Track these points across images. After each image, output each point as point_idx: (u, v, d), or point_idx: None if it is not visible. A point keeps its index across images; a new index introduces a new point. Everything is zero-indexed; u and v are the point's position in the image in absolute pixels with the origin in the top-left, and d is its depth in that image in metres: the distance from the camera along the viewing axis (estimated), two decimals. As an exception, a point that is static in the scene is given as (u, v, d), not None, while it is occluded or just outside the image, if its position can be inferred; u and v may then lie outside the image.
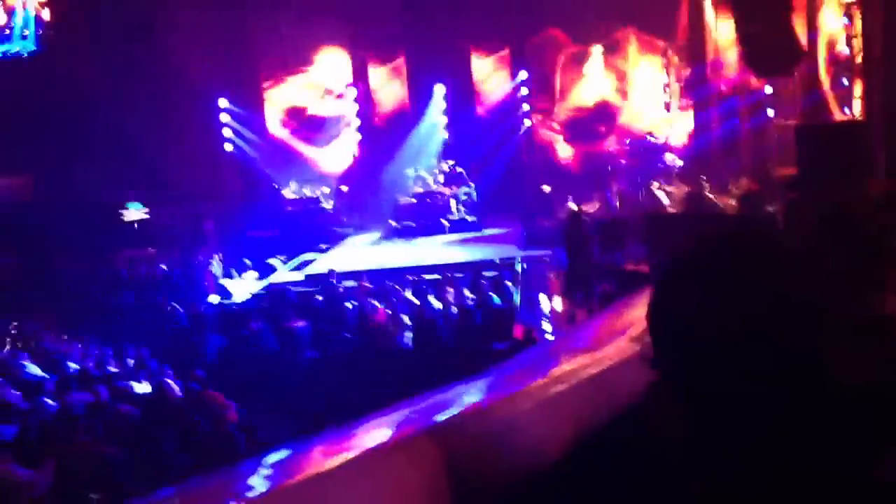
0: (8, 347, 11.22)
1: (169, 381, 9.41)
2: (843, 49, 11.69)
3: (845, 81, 11.81)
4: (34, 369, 9.73)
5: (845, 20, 11.53)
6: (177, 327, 12.27)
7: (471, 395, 1.23)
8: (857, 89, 11.14)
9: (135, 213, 17.48)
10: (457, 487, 0.93)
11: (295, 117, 20.54)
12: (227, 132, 19.73)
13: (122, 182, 17.29)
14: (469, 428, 1.00)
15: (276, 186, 19.59)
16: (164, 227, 17.88)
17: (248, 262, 16.05)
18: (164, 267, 15.89)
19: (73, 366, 9.91)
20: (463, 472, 0.95)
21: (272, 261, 16.21)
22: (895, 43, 9.75)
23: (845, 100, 11.88)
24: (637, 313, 1.54)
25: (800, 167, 10.40)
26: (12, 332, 11.95)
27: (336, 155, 20.57)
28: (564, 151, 19.58)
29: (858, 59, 11.01)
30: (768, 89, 14.42)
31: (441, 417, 1.03)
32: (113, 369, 9.95)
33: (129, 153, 16.75)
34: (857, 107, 11.14)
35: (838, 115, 12.23)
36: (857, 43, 10.91)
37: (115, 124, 16.65)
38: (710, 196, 14.46)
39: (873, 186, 8.71)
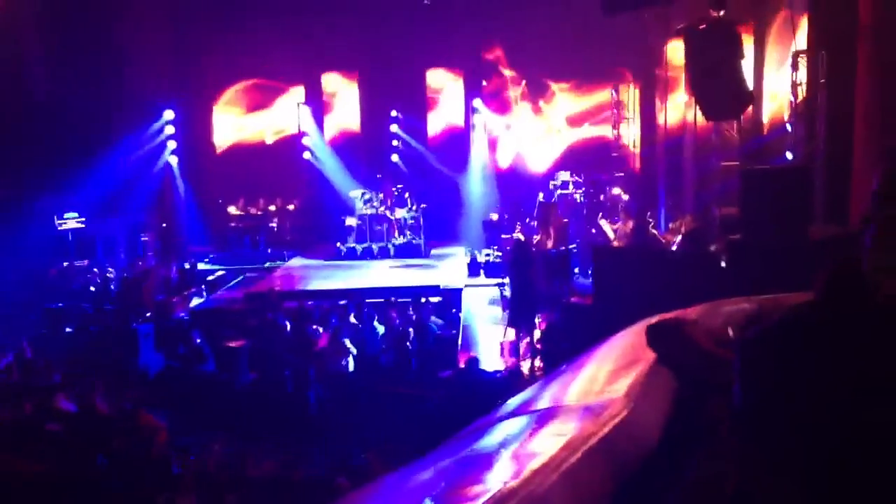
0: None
1: (98, 398, 9.09)
2: (787, 95, 12.03)
3: (789, 127, 12.15)
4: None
5: (790, 68, 11.88)
6: (109, 342, 11.87)
7: (490, 467, 1.17)
8: (800, 135, 11.47)
9: (71, 222, 16.95)
10: None
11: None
12: (171, 144, 19.32)
13: (59, 189, 16.77)
14: None
15: (221, 202, 19.28)
16: (101, 238, 17.37)
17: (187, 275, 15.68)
18: (99, 280, 15.42)
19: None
20: None
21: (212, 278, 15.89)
22: (837, 92, 10.10)
23: (787, 145, 12.21)
24: (609, 365, 1.52)
25: (742, 208, 10.63)
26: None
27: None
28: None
29: (801, 106, 11.35)
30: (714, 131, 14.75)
31: None
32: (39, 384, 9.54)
33: (68, 159, 16.27)
34: (798, 152, 11.46)
35: (779, 160, 12.57)
36: (802, 90, 11.25)
37: (55, 129, 16.15)
38: (654, 232, 14.70)
39: (814, 232, 8.97)
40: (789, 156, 11.91)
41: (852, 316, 1.20)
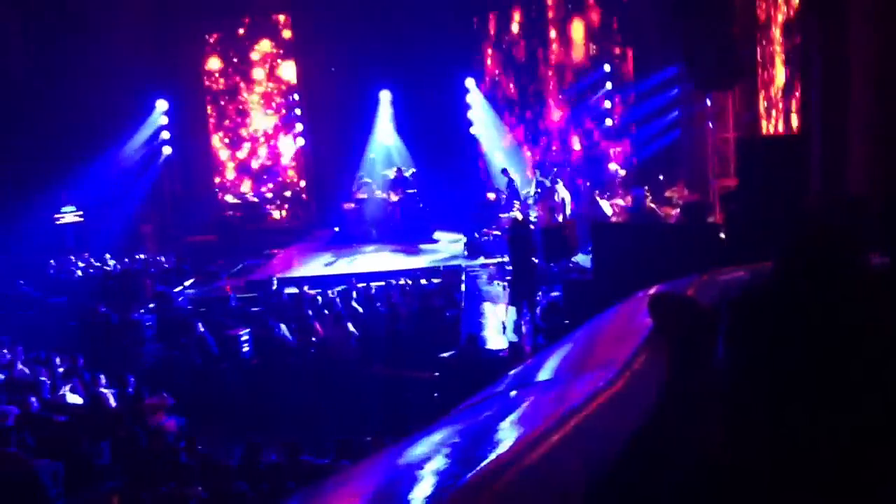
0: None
1: (104, 389, 9.13)
2: (780, 67, 11.97)
3: (781, 98, 12.10)
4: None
5: (783, 39, 11.81)
6: (111, 334, 11.90)
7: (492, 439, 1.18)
8: (795, 105, 11.41)
9: (69, 216, 16.95)
10: None
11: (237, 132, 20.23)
12: (165, 135, 19.23)
13: (55, 184, 16.74)
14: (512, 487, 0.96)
15: (217, 190, 19.26)
16: (99, 230, 17.37)
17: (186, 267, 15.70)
18: (91, 270, 15.43)
19: None
20: None
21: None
22: (833, 62, 10.03)
23: (783, 115, 12.16)
24: (605, 337, 1.52)
25: (739, 179, 10.61)
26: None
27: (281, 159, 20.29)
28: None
29: (796, 77, 11.28)
30: (708, 102, 14.69)
31: (471, 470, 0.98)
32: (44, 378, 9.56)
33: (63, 153, 16.23)
34: (794, 122, 11.41)
35: (774, 131, 12.52)
36: (797, 60, 11.18)
37: (48, 123, 16.09)
38: (653, 206, 14.69)
39: (811, 200, 8.97)
40: (785, 127, 11.87)
41: (838, 281, 1.22)
